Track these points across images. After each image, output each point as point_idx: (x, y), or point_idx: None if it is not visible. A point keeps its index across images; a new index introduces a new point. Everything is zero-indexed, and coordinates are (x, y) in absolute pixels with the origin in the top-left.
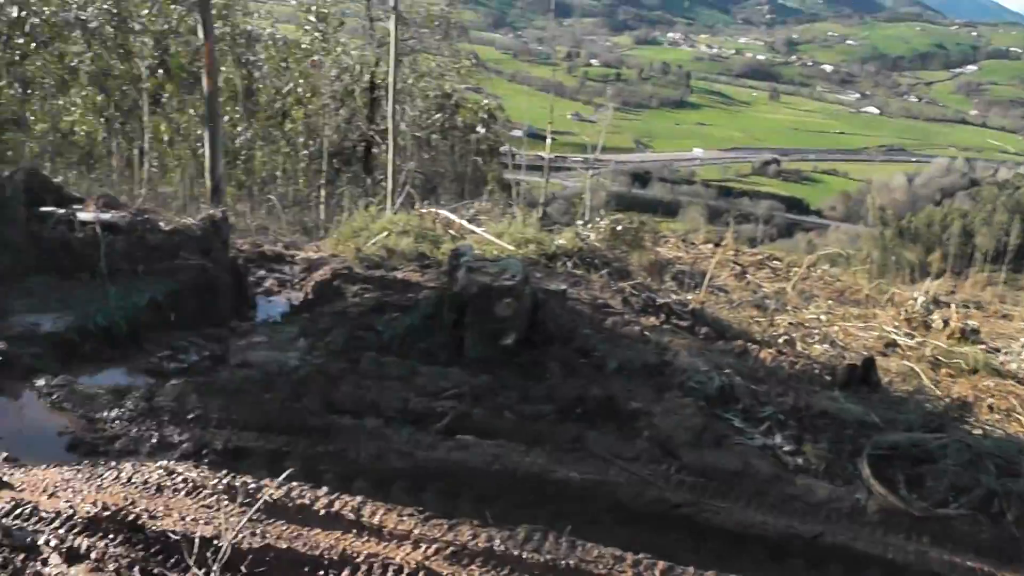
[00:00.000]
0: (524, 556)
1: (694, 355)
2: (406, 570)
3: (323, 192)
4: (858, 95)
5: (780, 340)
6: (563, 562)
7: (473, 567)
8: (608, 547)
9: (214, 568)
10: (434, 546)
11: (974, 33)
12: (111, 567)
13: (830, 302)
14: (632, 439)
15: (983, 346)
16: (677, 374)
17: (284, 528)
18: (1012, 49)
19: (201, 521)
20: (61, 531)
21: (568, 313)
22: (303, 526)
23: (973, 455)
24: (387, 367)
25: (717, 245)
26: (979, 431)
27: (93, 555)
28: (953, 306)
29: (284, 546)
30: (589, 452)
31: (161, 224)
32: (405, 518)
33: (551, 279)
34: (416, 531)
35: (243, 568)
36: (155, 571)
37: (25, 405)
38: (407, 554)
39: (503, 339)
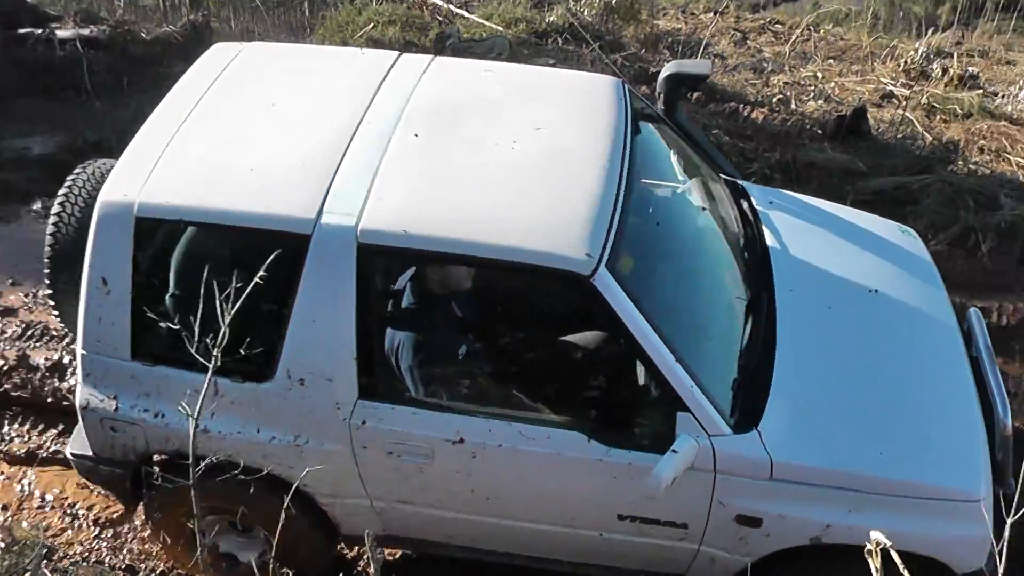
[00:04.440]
0: None
1: None
2: None
3: None
4: None
5: (774, 100)
6: None
7: None
8: None
9: None
10: None
11: None
12: None
13: (830, 61)
14: None
15: (981, 91)
16: None
17: None
18: None
19: None
20: None
21: None
22: None
23: (954, 193)
24: None
25: (718, 13)
26: (965, 171)
27: None
28: (955, 55)
29: None
30: None
31: (143, 34)
32: None
33: (540, 56)
34: None
35: None
36: None
37: (24, 228)
38: None
39: None
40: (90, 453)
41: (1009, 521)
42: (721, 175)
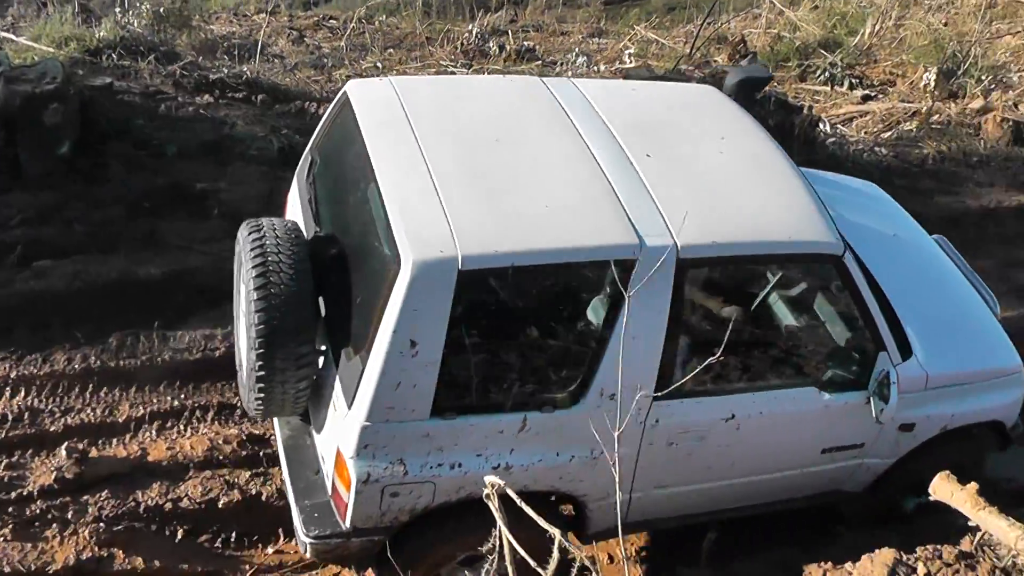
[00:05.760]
0: (120, 364)
1: (252, 123)
2: (10, 418)
3: None
4: None
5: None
6: (158, 358)
7: (73, 393)
8: (199, 329)
9: None
10: (34, 385)
11: None
12: None
13: (389, 50)
14: (204, 220)
15: (540, 62)
16: (237, 144)
17: None
18: None
19: None
20: None
21: (119, 106)
22: None
23: None
24: None
25: (270, 14)
26: None
27: None
28: (510, 32)
29: None
30: (165, 244)
31: None
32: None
33: (97, 75)
34: (13, 375)
35: None
36: None
37: None
38: (8, 401)
39: (58, 148)
40: (340, 529)
41: None
42: None
